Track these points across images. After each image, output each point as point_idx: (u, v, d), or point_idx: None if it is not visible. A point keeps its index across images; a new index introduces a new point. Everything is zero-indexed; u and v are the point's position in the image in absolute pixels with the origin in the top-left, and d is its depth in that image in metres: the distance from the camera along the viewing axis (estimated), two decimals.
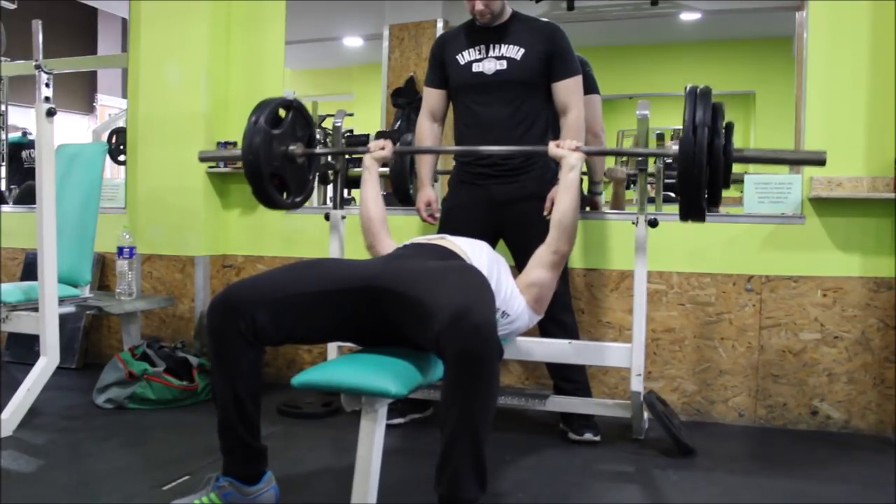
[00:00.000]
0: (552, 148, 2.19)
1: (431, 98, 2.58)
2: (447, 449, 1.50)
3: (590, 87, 2.66)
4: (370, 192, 2.31)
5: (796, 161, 2.61)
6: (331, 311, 1.75)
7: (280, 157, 2.29)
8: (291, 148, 2.33)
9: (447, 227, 2.54)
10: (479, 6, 2.38)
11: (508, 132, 2.43)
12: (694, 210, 1.97)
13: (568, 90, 2.41)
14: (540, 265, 2.05)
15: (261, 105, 2.26)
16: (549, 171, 2.43)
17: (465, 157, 2.53)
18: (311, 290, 1.72)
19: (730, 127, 1.96)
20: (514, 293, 1.96)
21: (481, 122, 2.46)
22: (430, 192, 2.59)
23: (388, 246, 2.20)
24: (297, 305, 1.70)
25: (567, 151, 2.14)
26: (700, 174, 1.88)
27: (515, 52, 2.40)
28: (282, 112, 2.32)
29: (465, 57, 2.47)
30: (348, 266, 1.87)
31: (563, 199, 2.08)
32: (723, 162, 1.93)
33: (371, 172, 2.34)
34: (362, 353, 1.77)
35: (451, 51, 2.51)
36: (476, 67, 2.45)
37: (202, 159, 2.77)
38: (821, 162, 2.07)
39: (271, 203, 2.33)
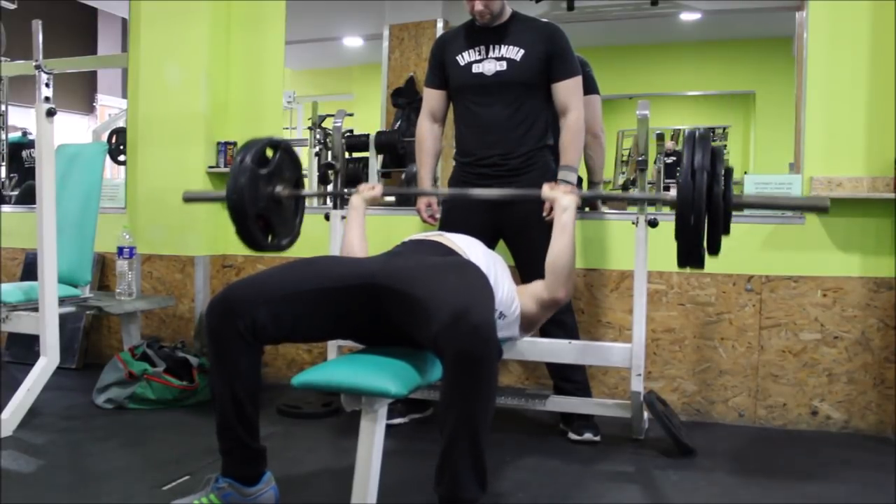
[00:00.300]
0: (546, 190, 2.11)
1: (431, 98, 2.58)
2: (447, 449, 1.50)
3: (590, 88, 2.65)
4: (355, 233, 2.24)
5: (798, 207, 2.56)
6: (330, 309, 1.75)
7: (266, 198, 2.18)
8: (278, 189, 2.22)
9: (447, 227, 2.54)
10: (479, 6, 2.38)
11: (508, 133, 2.43)
12: (692, 258, 1.88)
13: (567, 91, 2.41)
14: (533, 298, 2.00)
15: (247, 144, 2.15)
16: (550, 171, 2.43)
17: (466, 157, 2.53)
18: (311, 287, 1.72)
19: (729, 172, 1.88)
20: (511, 295, 1.95)
21: (481, 122, 2.46)
22: None
23: None
24: (296, 303, 1.70)
25: (560, 194, 2.07)
26: (699, 221, 1.81)
27: (515, 52, 2.40)
28: (269, 152, 2.22)
29: (465, 58, 2.47)
30: (347, 263, 1.87)
31: (556, 241, 2.00)
32: (722, 208, 1.83)
33: (358, 212, 2.26)
34: (362, 353, 1.77)
35: (451, 51, 2.51)
36: (476, 68, 2.45)
37: (186, 200, 2.69)
38: (823, 209, 1.99)
39: (255, 245, 2.21)
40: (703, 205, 1.80)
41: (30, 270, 3.52)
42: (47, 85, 2.43)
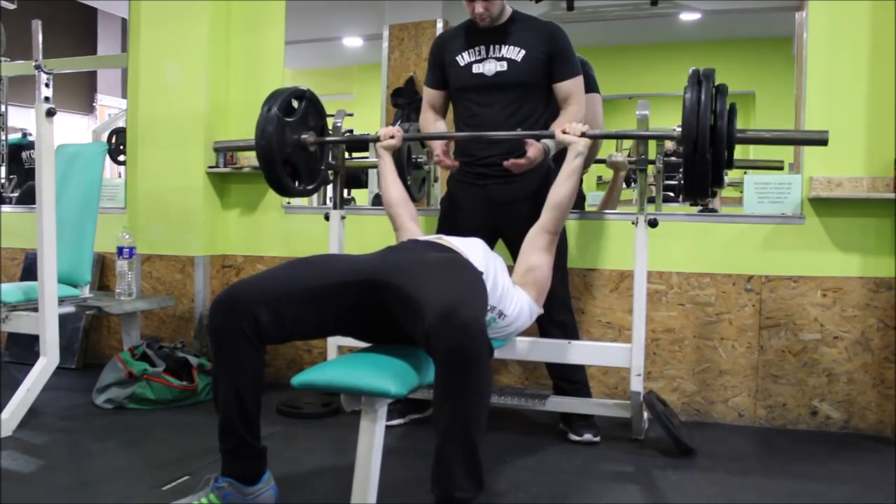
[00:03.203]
0: (559, 134, 2.25)
1: (431, 97, 2.59)
2: (440, 449, 1.50)
3: (590, 87, 2.65)
4: (389, 176, 2.38)
5: (797, 141, 2.60)
6: (331, 306, 1.75)
7: (292, 144, 2.38)
8: (304, 136, 2.41)
9: (445, 225, 2.54)
10: (479, 9, 2.38)
11: (508, 132, 2.43)
12: (698, 190, 2.03)
13: (569, 90, 2.42)
14: (534, 249, 2.11)
15: (274, 94, 2.35)
16: (549, 170, 2.43)
17: (465, 156, 2.52)
18: (311, 286, 1.73)
19: (733, 108, 1.99)
20: (510, 291, 1.96)
21: (481, 122, 2.46)
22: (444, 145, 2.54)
23: (412, 231, 2.27)
24: (298, 302, 1.70)
25: (574, 138, 2.21)
26: (704, 155, 1.92)
27: (516, 53, 2.40)
28: (294, 103, 2.41)
29: (465, 58, 2.47)
30: (347, 261, 1.88)
31: (565, 183, 2.16)
32: (725, 143, 1.96)
33: (384, 158, 2.41)
34: (362, 353, 1.77)
35: (450, 52, 2.50)
36: (476, 69, 2.45)
37: (217, 149, 2.86)
38: (823, 142, 2.11)
39: (283, 189, 2.40)
40: (708, 139, 1.92)
41: (30, 270, 3.52)
42: (47, 85, 2.43)
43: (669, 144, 3.81)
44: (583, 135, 2.22)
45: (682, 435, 2.36)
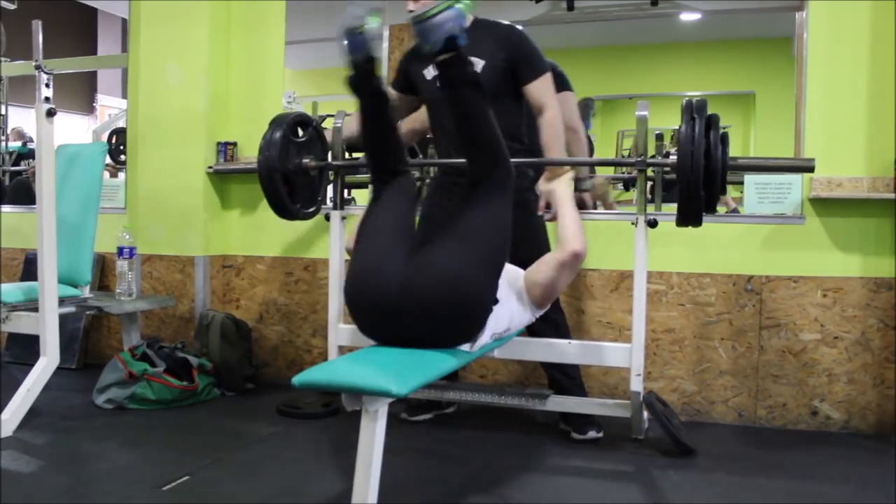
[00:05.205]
0: (542, 184, 2.30)
1: (393, 99, 2.57)
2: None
3: (562, 86, 2.64)
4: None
5: (786, 168, 2.64)
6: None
7: (294, 165, 2.42)
8: (305, 161, 2.45)
9: (425, 227, 2.54)
10: (410, 6, 2.37)
11: None
12: (691, 217, 2.09)
13: (539, 91, 2.38)
14: (549, 265, 2.06)
15: (279, 117, 2.40)
16: (526, 178, 2.42)
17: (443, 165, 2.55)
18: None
19: (725, 136, 2.03)
20: (510, 310, 1.96)
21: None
22: None
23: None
24: None
25: (553, 186, 2.24)
26: (697, 182, 1.97)
27: (477, 65, 2.36)
28: (300, 130, 2.46)
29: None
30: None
31: (562, 215, 2.16)
32: (719, 172, 2.02)
33: None
34: (363, 352, 1.77)
35: (417, 64, 2.49)
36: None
37: (217, 172, 2.81)
38: (809, 169, 2.23)
39: (282, 208, 2.41)
40: (701, 167, 1.99)
41: (30, 270, 3.51)
42: (47, 85, 2.43)
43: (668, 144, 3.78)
44: (578, 178, 2.29)
45: (681, 435, 2.36)
